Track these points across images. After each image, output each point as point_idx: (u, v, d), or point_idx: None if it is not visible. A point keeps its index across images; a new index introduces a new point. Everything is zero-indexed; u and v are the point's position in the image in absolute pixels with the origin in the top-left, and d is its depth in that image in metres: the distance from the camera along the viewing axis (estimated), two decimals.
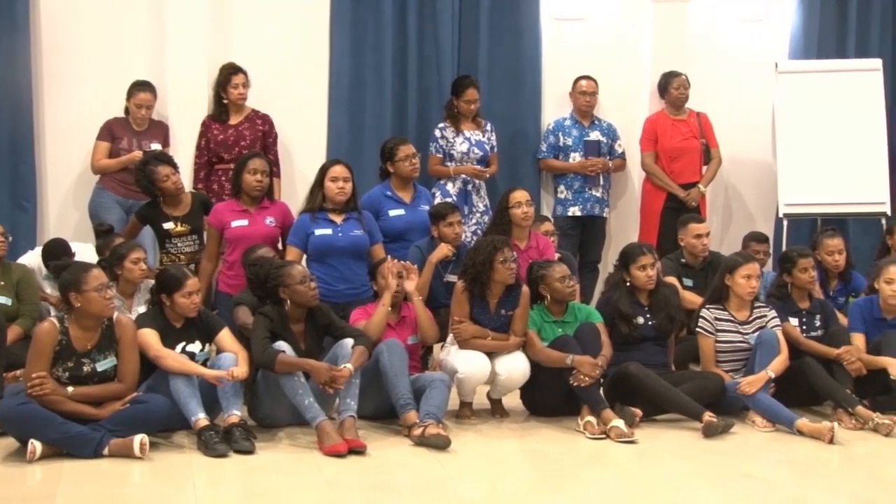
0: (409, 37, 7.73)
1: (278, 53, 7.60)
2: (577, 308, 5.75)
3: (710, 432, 5.16)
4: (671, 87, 7.78)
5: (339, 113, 7.68)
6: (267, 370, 5.03)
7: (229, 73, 7.13)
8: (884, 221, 7.50)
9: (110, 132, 7.01)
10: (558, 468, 4.79)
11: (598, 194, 7.73)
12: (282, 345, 5.02)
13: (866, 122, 7.75)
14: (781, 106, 7.79)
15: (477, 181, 7.33)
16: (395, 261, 5.68)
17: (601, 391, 5.40)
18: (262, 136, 7.18)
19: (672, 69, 7.80)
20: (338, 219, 6.02)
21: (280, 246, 6.15)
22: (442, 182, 7.32)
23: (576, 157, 7.70)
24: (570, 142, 7.73)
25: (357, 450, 4.80)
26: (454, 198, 7.18)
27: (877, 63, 7.87)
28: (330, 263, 5.95)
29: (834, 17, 8.22)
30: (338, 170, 6.03)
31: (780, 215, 7.76)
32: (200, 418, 4.84)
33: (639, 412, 5.34)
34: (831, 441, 5.07)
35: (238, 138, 7.10)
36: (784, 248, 7.15)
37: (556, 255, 6.36)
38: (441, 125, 7.37)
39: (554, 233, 6.72)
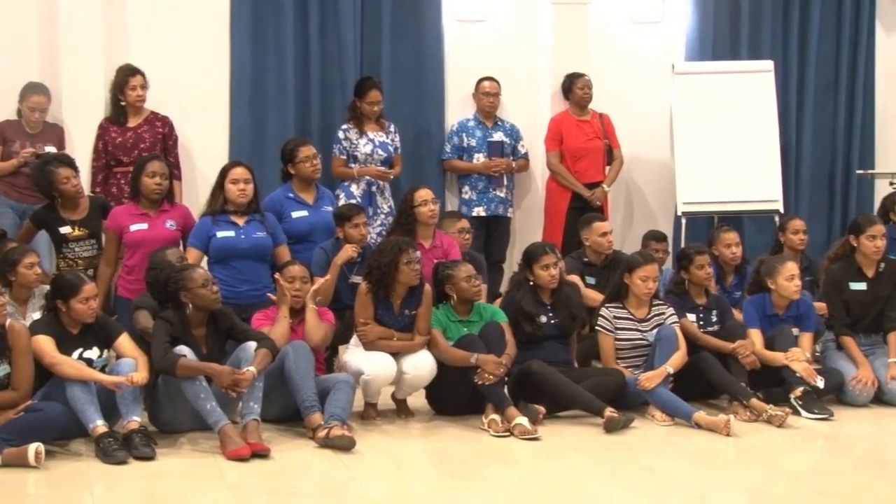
0: (310, 37, 7.68)
1: (177, 54, 7.49)
2: (482, 307, 5.79)
3: (611, 427, 5.24)
4: (576, 87, 7.87)
5: (240, 114, 7.61)
6: (168, 375, 4.97)
7: (126, 75, 7.00)
8: (777, 219, 7.69)
9: (2, 135, 6.86)
10: (462, 466, 4.82)
11: (503, 195, 7.79)
12: (183, 349, 4.96)
13: (759, 122, 7.93)
14: (678, 106, 7.95)
15: (381, 183, 7.33)
16: (301, 267, 5.62)
17: (505, 389, 5.45)
18: (162, 138, 7.07)
19: (572, 70, 7.90)
20: (240, 221, 5.98)
21: (181, 249, 6.07)
22: (346, 184, 7.30)
23: (480, 158, 7.75)
24: (473, 143, 7.78)
25: (260, 453, 4.76)
26: (358, 199, 7.17)
27: (768, 65, 8.06)
28: (232, 266, 5.91)
29: (727, 20, 8.39)
30: (238, 172, 5.98)
31: (679, 214, 7.90)
32: (98, 425, 4.76)
33: (542, 409, 5.41)
34: (728, 433, 5.18)
35: (137, 141, 6.98)
36: (682, 245, 7.28)
37: (465, 255, 6.41)
38: (344, 126, 7.35)
39: (469, 230, 6.73)
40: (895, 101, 8.72)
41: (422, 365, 5.47)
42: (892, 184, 7.82)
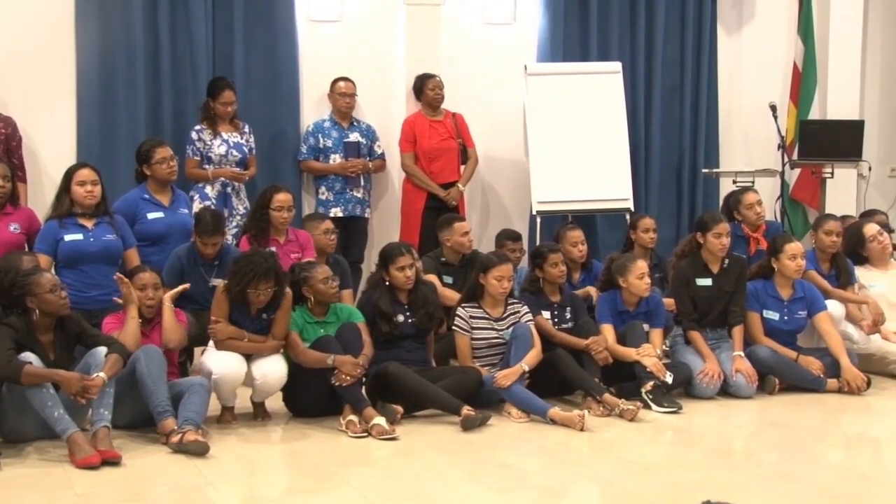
0: (161, 36, 7.52)
1: (20, 51, 7.25)
2: (338, 308, 5.77)
3: (468, 425, 5.29)
4: (426, 88, 7.91)
5: (88, 114, 7.41)
6: (12, 383, 4.79)
7: None
8: (627, 217, 7.88)
9: None
10: (319, 468, 4.79)
11: (360, 195, 7.77)
12: (28, 356, 4.79)
13: (609, 122, 8.10)
14: (531, 107, 8.05)
15: (236, 184, 7.24)
16: (152, 274, 5.49)
17: (363, 390, 5.44)
18: (5, 139, 6.82)
19: (426, 71, 7.94)
20: (88, 223, 5.84)
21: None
22: (200, 185, 7.18)
23: (336, 159, 7.71)
24: (329, 143, 7.74)
25: (111, 461, 4.64)
26: (213, 201, 7.07)
27: (617, 66, 8.25)
28: (81, 269, 5.79)
29: (577, 22, 8.54)
30: (84, 173, 5.84)
31: (534, 213, 8.03)
32: None
33: (400, 409, 5.42)
34: (582, 428, 5.28)
35: None
36: (538, 244, 7.39)
37: (330, 259, 6.39)
38: (197, 127, 7.23)
39: (334, 231, 6.66)
40: (738, 102, 9.06)
41: (271, 371, 5.42)
42: (735, 182, 8.09)
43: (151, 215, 6.31)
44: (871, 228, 6.94)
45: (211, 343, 5.50)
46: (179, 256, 6.05)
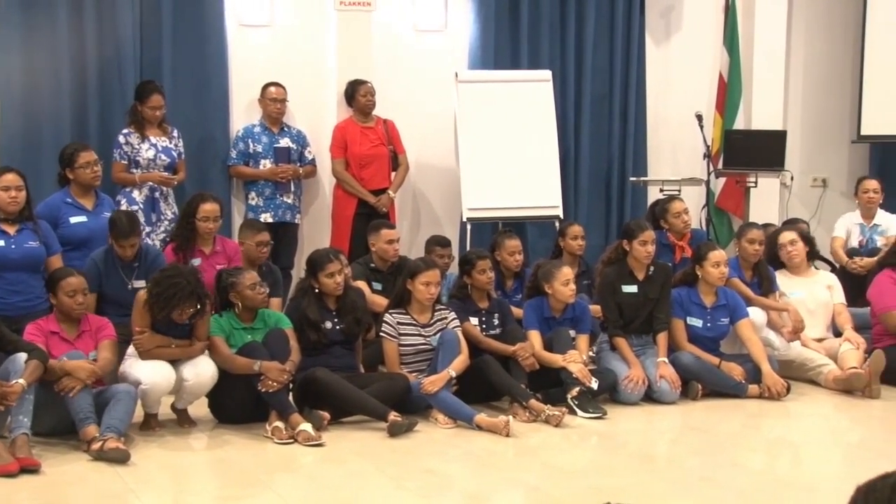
0: (86, 39, 7.42)
1: None
2: (266, 314, 5.75)
3: (394, 431, 5.30)
4: (358, 94, 7.91)
5: (11, 118, 7.27)
6: None
7: None
8: (557, 224, 7.95)
9: None
10: (244, 475, 4.77)
11: (290, 201, 7.75)
12: None
13: (539, 130, 8.16)
14: (462, 114, 8.07)
15: (164, 189, 7.17)
16: (79, 279, 5.41)
17: (290, 396, 5.43)
18: None
19: (358, 77, 7.94)
20: (11, 229, 5.77)
21: None
22: (127, 189, 7.09)
23: (266, 164, 7.68)
24: (259, 148, 7.70)
25: (30, 468, 4.58)
26: (141, 206, 7.00)
27: (547, 74, 8.31)
28: (2, 276, 5.71)
29: (508, 30, 8.60)
30: (9, 178, 5.76)
31: (464, 220, 8.06)
32: None
33: (326, 415, 5.41)
34: (507, 434, 5.31)
35: None
36: (467, 250, 7.42)
37: (262, 268, 6.35)
38: (125, 131, 7.14)
39: (268, 243, 6.58)
40: (665, 111, 9.18)
41: (202, 371, 5.38)
42: (662, 190, 8.21)
43: (74, 219, 6.25)
44: (785, 237, 7.08)
45: (130, 350, 5.43)
46: (96, 261, 5.97)
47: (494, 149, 8.06)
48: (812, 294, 6.89)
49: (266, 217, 7.61)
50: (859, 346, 6.51)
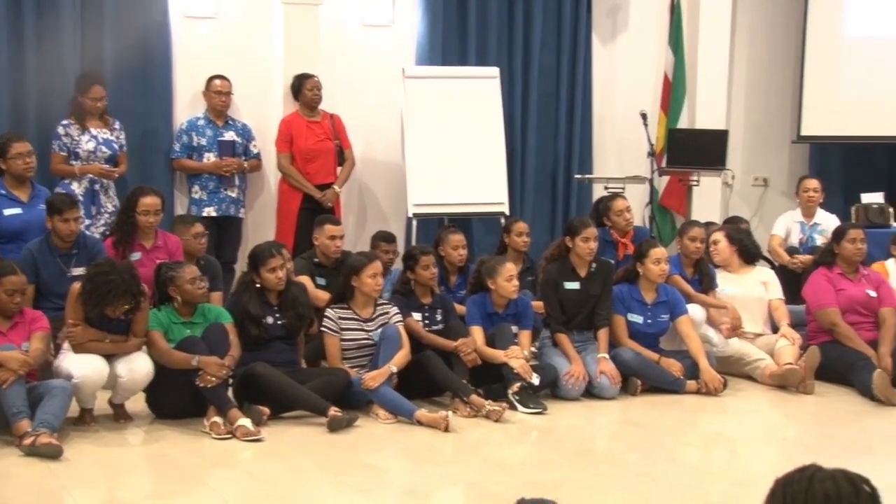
0: (25, 28, 7.29)
1: None
2: (206, 309, 5.71)
3: (334, 426, 5.28)
4: (304, 88, 7.87)
5: None
6: None
7: None
8: (502, 220, 7.97)
9: None
10: (181, 471, 4.73)
11: (234, 195, 7.70)
12: None
13: (486, 126, 8.17)
14: (409, 109, 8.07)
15: (105, 181, 7.10)
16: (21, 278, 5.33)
17: (229, 391, 5.40)
18: None
19: (304, 71, 7.90)
20: None
21: None
22: (66, 181, 7.00)
23: (210, 158, 7.62)
24: (204, 142, 7.65)
25: None
26: (81, 198, 6.90)
27: (494, 71, 8.33)
28: None
29: (455, 26, 8.61)
30: None
31: (409, 215, 8.06)
32: None
33: (266, 410, 5.39)
34: (446, 429, 5.31)
35: None
36: (411, 246, 7.42)
37: (200, 261, 6.33)
38: (65, 122, 7.04)
39: (204, 234, 6.60)
40: (611, 110, 9.25)
41: (137, 367, 5.33)
42: (606, 188, 8.26)
43: (8, 211, 6.17)
44: (714, 236, 7.17)
45: (65, 344, 5.37)
46: (32, 251, 5.89)
47: (441, 145, 8.06)
48: (746, 290, 6.97)
49: (210, 211, 7.56)
50: (795, 342, 6.60)
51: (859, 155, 9.60)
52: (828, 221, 8.08)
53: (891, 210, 8.25)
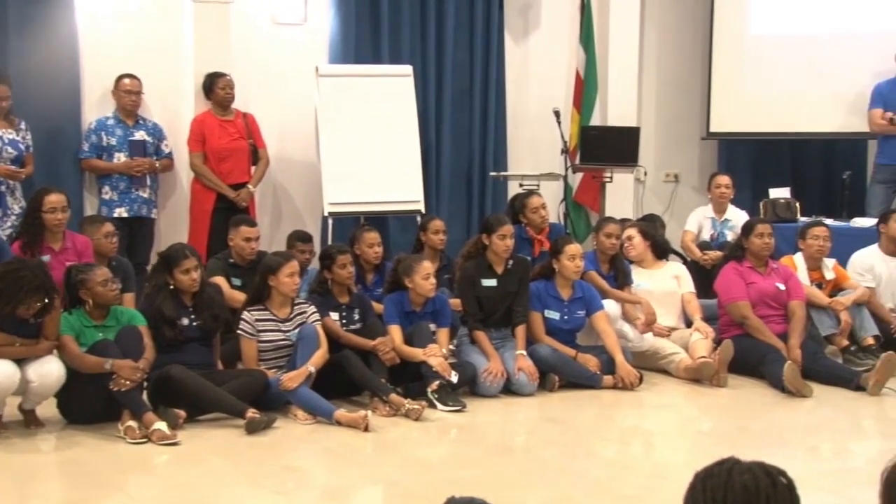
0: None
1: None
2: (119, 311, 5.61)
3: (252, 428, 5.23)
4: (216, 87, 7.79)
5: None
6: None
7: None
8: (418, 218, 7.97)
9: None
10: (96, 477, 4.64)
11: (146, 195, 7.59)
12: None
13: (401, 124, 8.17)
14: (323, 108, 8.02)
15: (11, 182, 6.94)
16: None
17: (143, 395, 5.31)
18: None
19: (216, 69, 7.82)
20: None
21: None
22: None
23: (121, 158, 7.51)
24: (114, 141, 7.52)
25: None
26: None
27: (408, 69, 8.33)
28: None
29: (368, 25, 8.59)
30: None
31: (325, 214, 8.01)
32: None
33: (182, 413, 5.31)
34: (366, 429, 5.29)
35: None
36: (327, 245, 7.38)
37: (111, 261, 6.23)
38: None
39: (115, 234, 6.46)
40: (524, 107, 9.32)
41: (48, 372, 5.20)
42: (521, 185, 8.32)
43: None
44: (628, 231, 7.27)
45: None
46: None
47: (356, 143, 8.03)
48: (660, 285, 7.08)
49: (121, 212, 7.46)
50: (708, 336, 6.72)
51: (766, 151, 9.82)
52: (738, 217, 8.23)
53: (797, 205, 8.45)
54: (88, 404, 5.32)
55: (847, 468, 5.03)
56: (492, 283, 6.40)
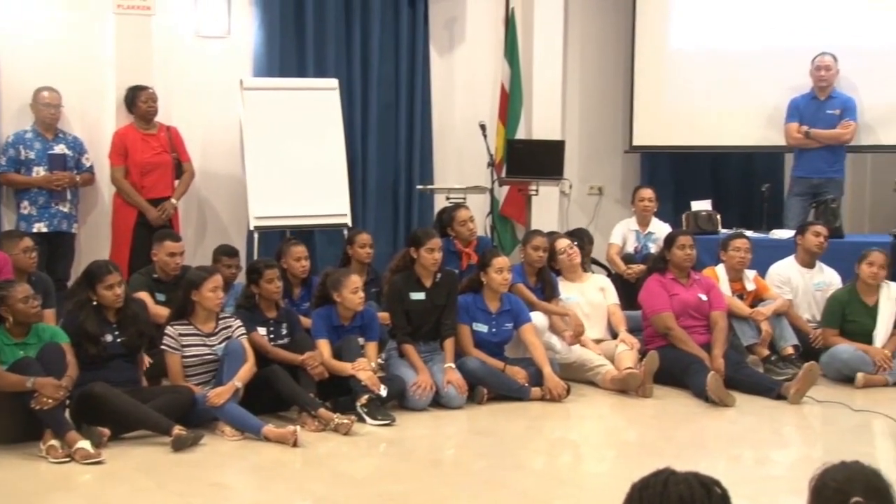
0: None
1: None
2: (40, 329, 5.50)
3: (178, 445, 5.16)
4: (139, 100, 7.69)
5: None
6: None
7: None
8: (345, 232, 7.94)
9: None
10: (18, 497, 4.55)
11: (66, 210, 7.47)
12: None
13: (327, 138, 8.13)
14: (248, 121, 7.96)
15: None
16: None
17: (66, 413, 5.21)
18: None
19: (138, 83, 7.72)
20: None
21: None
22: None
23: (40, 172, 7.38)
24: (32, 155, 7.39)
25: None
26: None
27: (333, 83, 8.30)
28: None
29: (293, 38, 8.54)
30: None
31: (251, 228, 7.94)
32: None
33: (106, 432, 5.22)
34: (295, 444, 5.26)
35: None
36: (255, 259, 7.32)
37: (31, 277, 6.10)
38: None
39: (34, 248, 6.35)
40: (450, 120, 9.35)
41: None
42: (448, 198, 8.34)
43: None
44: (560, 243, 7.34)
45: None
46: None
47: (281, 157, 7.98)
48: (586, 297, 7.16)
49: (40, 227, 7.33)
50: (634, 347, 6.80)
51: (688, 164, 9.98)
52: (661, 230, 8.34)
53: (718, 217, 8.60)
54: (9, 423, 5.20)
55: (769, 476, 5.13)
56: (420, 296, 6.40)
